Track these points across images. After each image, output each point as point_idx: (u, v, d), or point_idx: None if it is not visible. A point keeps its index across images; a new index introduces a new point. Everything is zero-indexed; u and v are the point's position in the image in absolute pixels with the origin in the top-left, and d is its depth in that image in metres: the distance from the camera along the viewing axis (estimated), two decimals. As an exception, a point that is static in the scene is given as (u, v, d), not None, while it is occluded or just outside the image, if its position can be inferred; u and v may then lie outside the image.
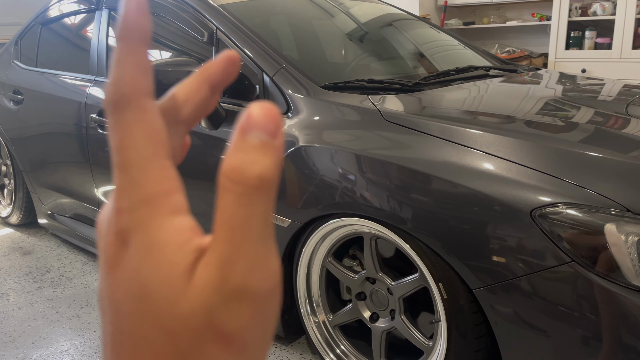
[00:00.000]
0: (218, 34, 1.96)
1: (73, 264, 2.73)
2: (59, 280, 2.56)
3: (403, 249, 1.48)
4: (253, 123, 0.20)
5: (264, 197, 0.20)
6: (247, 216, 0.20)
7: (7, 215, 3.25)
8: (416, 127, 1.50)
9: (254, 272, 0.19)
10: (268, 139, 0.20)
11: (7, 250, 2.94)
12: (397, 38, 2.56)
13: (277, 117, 0.20)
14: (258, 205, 0.20)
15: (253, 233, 0.20)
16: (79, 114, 2.44)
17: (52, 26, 2.88)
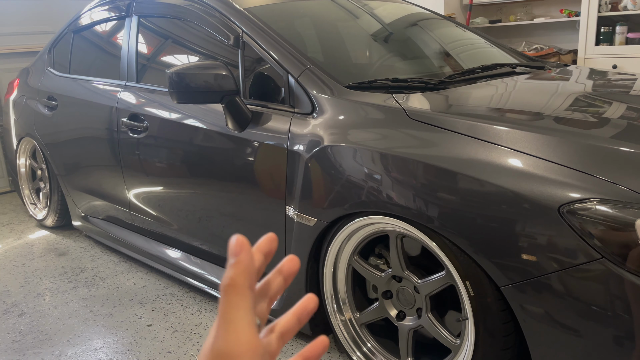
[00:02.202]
0: (244, 37, 1.99)
1: (106, 265, 2.80)
2: (92, 280, 2.63)
3: (429, 247, 1.48)
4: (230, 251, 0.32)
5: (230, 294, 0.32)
6: (222, 308, 0.32)
7: (43, 217, 3.35)
8: (442, 125, 1.49)
9: (227, 341, 0.31)
10: (232, 260, 0.32)
11: (43, 251, 3.04)
12: (422, 37, 2.56)
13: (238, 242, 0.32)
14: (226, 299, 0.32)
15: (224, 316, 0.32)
16: (110, 118, 2.51)
17: (83, 34, 2.96)
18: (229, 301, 0.31)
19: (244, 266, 0.32)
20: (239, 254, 0.32)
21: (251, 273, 0.32)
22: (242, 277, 0.32)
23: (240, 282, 0.31)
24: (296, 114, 1.80)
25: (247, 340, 0.31)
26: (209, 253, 2.25)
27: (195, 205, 2.19)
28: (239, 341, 0.31)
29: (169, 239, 2.44)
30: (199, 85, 1.81)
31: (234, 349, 0.31)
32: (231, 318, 0.31)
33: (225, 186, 2.03)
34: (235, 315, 0.31)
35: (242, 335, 0.31)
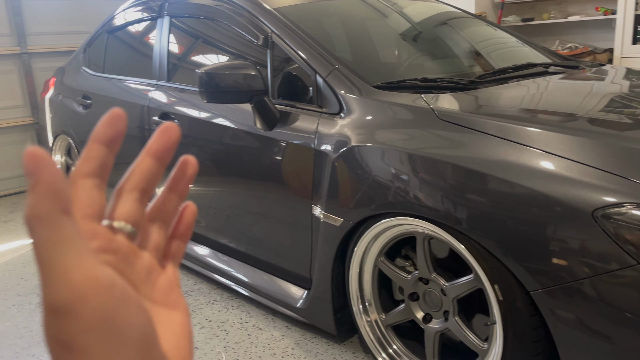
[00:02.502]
0: (273, 37, 2.00)
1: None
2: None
3: (457, 249, 1.46)
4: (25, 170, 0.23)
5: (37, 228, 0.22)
6: (35, 247, 0.23)
7: (76, 213, 3.44)
8: (471, 126, 1.47)
9: (54, 293, 0.22)
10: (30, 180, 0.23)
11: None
12: (452, 37, 2.53)
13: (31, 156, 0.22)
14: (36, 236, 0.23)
15: (42, 259, 0.23)
16: (141, 116, 2.56)
17: (117, 34, 3.03)
18: (39, 238, 0.22)
19: (47, 187, 0.22)
20: (37, 172, 0.22)
21: (60, 192, 0.23)
22: (47, 202, 0.22)
23: (47, 210, 0.22)
24: (324, 113, 1.80)
25: (84, 277, 0.22)
26: (236, 250, 2.28)
27: (223, 203, 2.22)
28: (72, 284, 0.22)
29: (197, 236, 2.48)
30: (228, 85, 1.82)
31: (70, 296, 0.22)
32: (51, 259, 0.22)
33: (252, 185, 2.05)
34: (55, 254, 0.22)
35: (74, 275, 0.22)
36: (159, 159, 0.31)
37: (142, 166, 0.31)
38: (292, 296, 2.01)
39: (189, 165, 0.33)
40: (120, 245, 0.28)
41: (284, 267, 2.05)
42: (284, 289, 2.07)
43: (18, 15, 4.13)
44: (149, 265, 0.30)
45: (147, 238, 0.32)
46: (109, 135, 0.28)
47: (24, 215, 0.23)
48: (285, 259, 2.02)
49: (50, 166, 0.23)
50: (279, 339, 2.04)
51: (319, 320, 1.92)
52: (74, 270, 0.22)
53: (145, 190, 0.31)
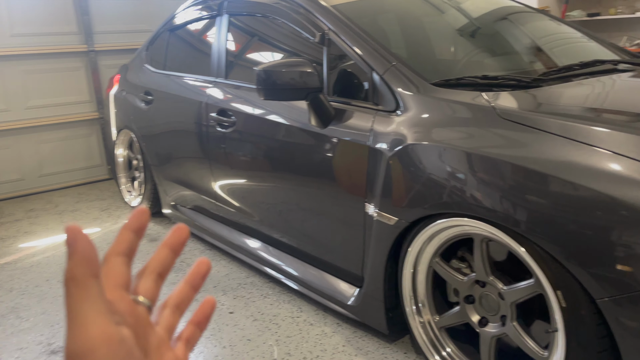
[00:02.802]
0: (329, 34, 2.01)
1: (192, 252, 2.95)
2: (180, 266, 2.78)
3: (517, 252, 1.42)
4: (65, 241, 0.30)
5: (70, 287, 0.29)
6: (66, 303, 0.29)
7: (137, 204, 3.59)
8: (534, 125, 1.42)
9: (76, 339, 0.28)
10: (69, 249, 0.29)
11: (136, 236, 3.25)
12: (513, 32, 2.45)
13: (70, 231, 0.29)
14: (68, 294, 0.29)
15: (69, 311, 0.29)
16: (200, 113, 2.63)
17: (178, 32, 3.12)
18: (71, 296, 0.28)
19: (82, 255, 0.29)
20: (75, 243, 0.29)
21: (91, 260, 0.29)
22: (81, 267, 0.29)
23: (80, 273, 0.29)
24: (379, 111, 1.79)
25: (99, 331, 0.28)
26: (287, 245, 2.30)
27: (276, 198, 2.25)
28: (88, 336, 0.28)
29: (250, 230, 2.52)
30: (284, 82, 1.84)
31: (85, 345, 0.28)
32: (76, 313, 0.28)
33: (305, 181, 2.06)
34: (80, 309, 0.28)
35: (91, 329, 0.28)
36: (173, 250, 0.38)
37: (159, 255, 0.38)
38: (343, 293, 2.02)
39: (203, 265, 0.40)
40: (139, 314, 0.35)
41: (335, 264, 2.06)
42: (334, 285, 2.07)
43: (86, 15, 4.33)
44: (160, 339, 0.36)
45: (162, 318, 0.38)
46: (136, 226, 0.36)
47: (63, 277, 0.29)
48: (336, 255, 2.02)
49: (85, 239, 0.29)
50: (329, 335, 2.05)
51: (371, 318, 1.91)
52: (92, 324, 0.28)
53: (161, 274, 0.38)
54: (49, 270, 2.81)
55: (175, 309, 0.39)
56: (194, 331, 0.40)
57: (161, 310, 0.39)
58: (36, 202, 4.11)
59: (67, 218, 3.67)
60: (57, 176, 4.42)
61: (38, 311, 2.37)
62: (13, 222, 3.65)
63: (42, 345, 2.10)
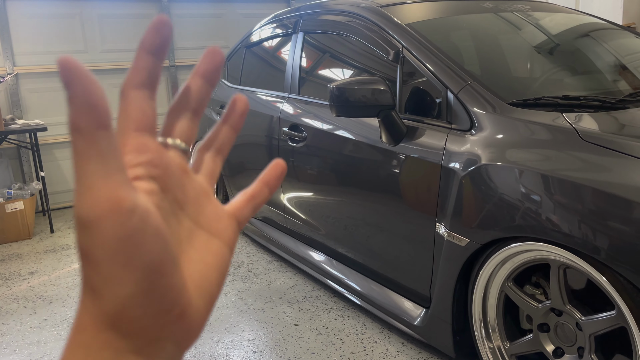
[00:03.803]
0: (403, 52, 2.01)
1: (259, 262, 3.02)
2: (247, 275, 2.85)
3: (598, 281, 1.35)
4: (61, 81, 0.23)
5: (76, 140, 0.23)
6: (72, 158, 0.24)
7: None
8: (619, 149, 1.36)
9: (80, 206, 0.23)
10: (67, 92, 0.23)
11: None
12: (595, 50, 2.35)
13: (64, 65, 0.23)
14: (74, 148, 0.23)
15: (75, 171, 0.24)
16: (272, 127, 2.71)
17: (254, 49, 3.24)
18: (76, 151, 0.23)
19: (84, 100, 0.23)
20: (72, 83, 0.23)
21: (96, 106, 0.23)
22: (85, 116, 0.23)
23: (84, 123, 0.23)
24: (453, 130, 1.77)
25: (105, 198, 0.23)
26: (352, 260, 2.31)
27: (343, 213, 2.26)
28: (94, 202, 0.23)
29: (316, 243, 2.56)
30: (357, 99, 1.87)
31: (91, 212, 0.23)
32: (82, 173, 0.23)
33: (373, 197, 2.07)
34: (86, 169, 0.23)
35: (97, 194, 0.23)
36: (207, 79, 0.31)
37: (192, 86, 0.31)
38: (409, 313, 2.00)
39: (238, 100, 0.35)
40: (171, 161, 0.29)
41: (401, 282, 2.04)
42: (399, 303, 2.06)
43: (168, 32, 4.59)
44: (200, 188, 0.31)
45: (201, 164, 0.33)
46: (155, 44, 0.27)
47: (69, 127, 0.23)
48: (403, 273, 2.01)
49: (85, 77, 0.23)
50: (394, 355, 2.03)
51: (437, 340, 1.88)
52: (99, 187, 0.23)
53: (196, 110, 0.31)
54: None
55: (216, 152, 0.34)
56: (263, 190, 0.35)
57: (200, 154, 0.33)
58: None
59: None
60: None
61: (116, 311, 2.52)
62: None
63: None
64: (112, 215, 0.23)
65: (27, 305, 2.62)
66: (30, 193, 3.73)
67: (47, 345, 2.23)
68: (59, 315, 2.50)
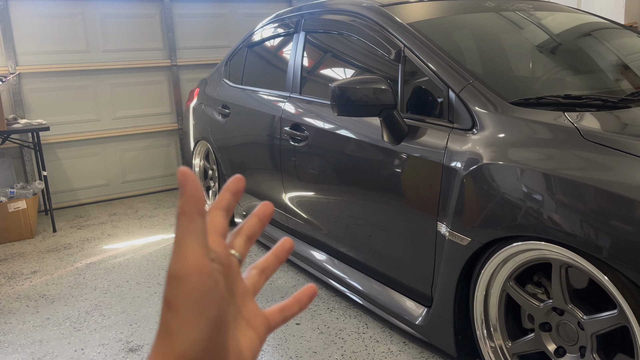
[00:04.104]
0: (405, 51, 2.01)
1: (260, 262, 3.02)
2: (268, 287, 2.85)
3: (600, 280, 1.35)
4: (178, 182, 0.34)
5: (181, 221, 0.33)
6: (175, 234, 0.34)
7: (210, 213, 3.73)
8: (622, 148, 1.36)
9: (176, 263, 0.33)
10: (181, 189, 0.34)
11: (209, 243, 3.38)
12: (597, 49, 2.34)
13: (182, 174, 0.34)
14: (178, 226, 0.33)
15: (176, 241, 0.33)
16: (273, 126, 2.72)
17: (255, 49, 3.25)
18: (180, 227, 0.33)
19: (191, 194, 0.33)
20: (185, 184, 0.33)
21: (199, 200, 0.33)
22: (190, 204, 0.33)
23: (189, 209, 0.33)
24: (455, 129, 1.77)
25: (194, 261, 0.32)
26: (353, 259, 2.31)
27: (344, 212, 2.27)
28: (186, 262, 0.32)
29: (317, 242, 2.56)
30: (358, 98, 1.87)
31: (181, 269, 0.32)
32: (181, 242, 0.33)
33: (374, 197, 2.07)
34: (185, 240, 0.33)
35: (189, 257, 0.32)
36: (260, 220, 0.44)
37: (249, 222, 0.43)
38: (411, 312, 2.00)
39: (287, 243, 0.45)
40: (231, 262, 0.39)
41: (402, 281, 2.04)
42: (400, 303, 2.06)
43: (170, 32, 4.60)
44: (246, 289, 0.41)
45: (249, 275, 0.43)
46: (234, 189, 0.41)
47: (177, 212, 0.33)
48: (404, 272, 2.01)
49: (195, 181, 0.34)
50: (395, 354, 2.03)
51: (439, 340, 1.88)
52: (191, 253, 0.33)
53: (250, 238, 0.43)
54: (129, 272, 2.98)
55: (262, 272, 0.44)
56: (294, 305, 0.44)
57: (249, 271, 0.44)
58: (118, 206, 4.37)
59: (146, 223, 3.88)
60: (138, 183, 4.69)
61: (118, 310, 2.52)
62: (98, 224, 3.91)
63: (121, 342, 2.23)
64: (197, 274, 0.32)
65: (30, 304, 2.62)
66: (32, 192, 3.74)
67: (50, 344, 2.24)
68: (61, 314, 2.51)
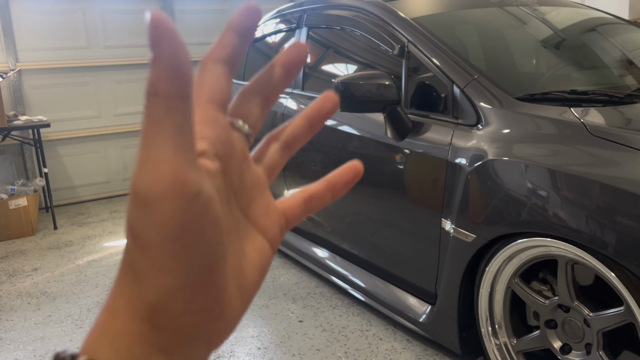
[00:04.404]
0: (409, 46, 2.00)
1: (262, 259, 3.01)
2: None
3: (606, 277, 1.34)
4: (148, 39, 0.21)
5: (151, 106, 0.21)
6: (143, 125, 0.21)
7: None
8: (629, 143, 1.34)
9: (140, 179, 0.21)
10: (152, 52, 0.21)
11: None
12: (602, 45, 2.33)
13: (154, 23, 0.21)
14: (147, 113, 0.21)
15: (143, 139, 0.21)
16: (275, 123, 2.70)
17: (257, 44, 3.23)
18: (149, 118, 0.21)
19: (169, 64, 0.21)
20: (160, 43, 0.20)
21: (182, 73, 0.21)
22: (167, 81, 0.20)
23: (165, 90, 0.20)
24: (459, 125, 1.75)
25: (172, 176, 0.21)
26: (356, 256, 2.30)
27: (347, 209, 2.25)
28: (158, 177, 0.21)
29: (320, 239, 2.55)
30: (362, 94, 1.85)
31: (152, 189, 0.21)
32: (150, 143, 0.21)
33: (378, 193, 2.06)
34: (156, 139, 0.21)
35: (163, 169, 0.21)
36: (287, 70, 0.29)
37: (269, 74, 0.29)
38: (414, 309, 1.99)
39: (329, 100, 0.31)
40: (235, 144, 0.27)
41: (406, 278, 2.03)
42: (404, 300, 2.05)
43: (171, 29, 4.58)
44: (257, 178, 0.28)
45: (264, 154, 0.30)
46: (243, 25, 0.27)
47: (145, 91, 0.21)
48: (408, 270, 2.00)
49: (174, 39, 0.21)
50: (399, 351, 2.02)
51: (443, 337, 1.87)
52: (166, 163, 0.21)
53: (268, 99, 0.29)
54: (131, 268, 2.97)
55: (286, 146, 0.31)
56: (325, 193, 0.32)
57: (266, 144, 0.31)
58: (119, 203, 4.36)
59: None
60: (139, 180, 4.68)
61: (120, 307, 2.51)
62: (99, 221, 3.90)
63: (123, 339, 2.22)
64: (176, 197, 0.21)
65: (31, 302, 2.62)
66: (33, 189, 3.73)
67: (52, 342, 2.23)
68: (63, 311, 2.50)
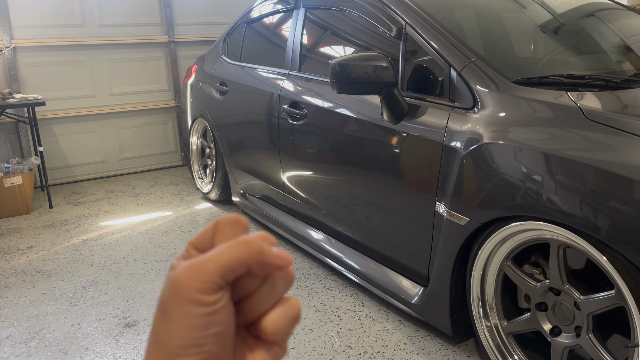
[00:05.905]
0: (407, 28, 1.98)
1: (257, 240, 3.02)
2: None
3: (598, 261, 1.35)
4: None
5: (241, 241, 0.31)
6: None
7: (208, 191, 3.72)
8: (624, 128, 1.34)
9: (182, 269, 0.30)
10: None
11: (206, 221, 3.38)
12: (600, 30, 2.31)
13: None
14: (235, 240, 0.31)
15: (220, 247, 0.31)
16: (272, 104, 2.69)
17: (254, 25, 3.20)
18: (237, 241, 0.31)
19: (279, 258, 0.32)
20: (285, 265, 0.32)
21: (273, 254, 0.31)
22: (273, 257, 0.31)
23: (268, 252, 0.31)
24: (455, 108, 1.75)
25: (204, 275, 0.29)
26: (351, 239, 2.31)
27: (343, 192, 2.26)
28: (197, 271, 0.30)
29: (315, 222, 2.55)
30: (359, 76, 1.84)
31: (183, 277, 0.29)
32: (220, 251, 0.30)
33: (373, 176, 2.06)
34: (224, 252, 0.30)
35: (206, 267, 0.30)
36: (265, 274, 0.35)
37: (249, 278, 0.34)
38: (407, 291, 2.00)
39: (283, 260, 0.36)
40: None
41: (399, 261, 2.04)
42: (396, 282, 2.06)
43: (168, 7, 4.53)
44: None
45: None
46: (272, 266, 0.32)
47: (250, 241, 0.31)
48: (401, 252, 2.01)
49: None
50: (391, 332, 2.05)
51: (434, 318, 1.88)
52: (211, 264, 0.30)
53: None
54: (126, 248, 2.98)
55: None
56: None
57: None
58: (115, 183, 4.35)
59: (143, 200, 3.87)
60: (135, 160, 4.67)
61: (115, 286, 2.52)
62: (95, 201, 3.89)
63: (118, 318, 2.24)
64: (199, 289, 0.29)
65: (26, 279, 2.62)
66: (28, 168, 3.72)
67: (46, 319, 2.24)
68: (57, 289, 2.51)
